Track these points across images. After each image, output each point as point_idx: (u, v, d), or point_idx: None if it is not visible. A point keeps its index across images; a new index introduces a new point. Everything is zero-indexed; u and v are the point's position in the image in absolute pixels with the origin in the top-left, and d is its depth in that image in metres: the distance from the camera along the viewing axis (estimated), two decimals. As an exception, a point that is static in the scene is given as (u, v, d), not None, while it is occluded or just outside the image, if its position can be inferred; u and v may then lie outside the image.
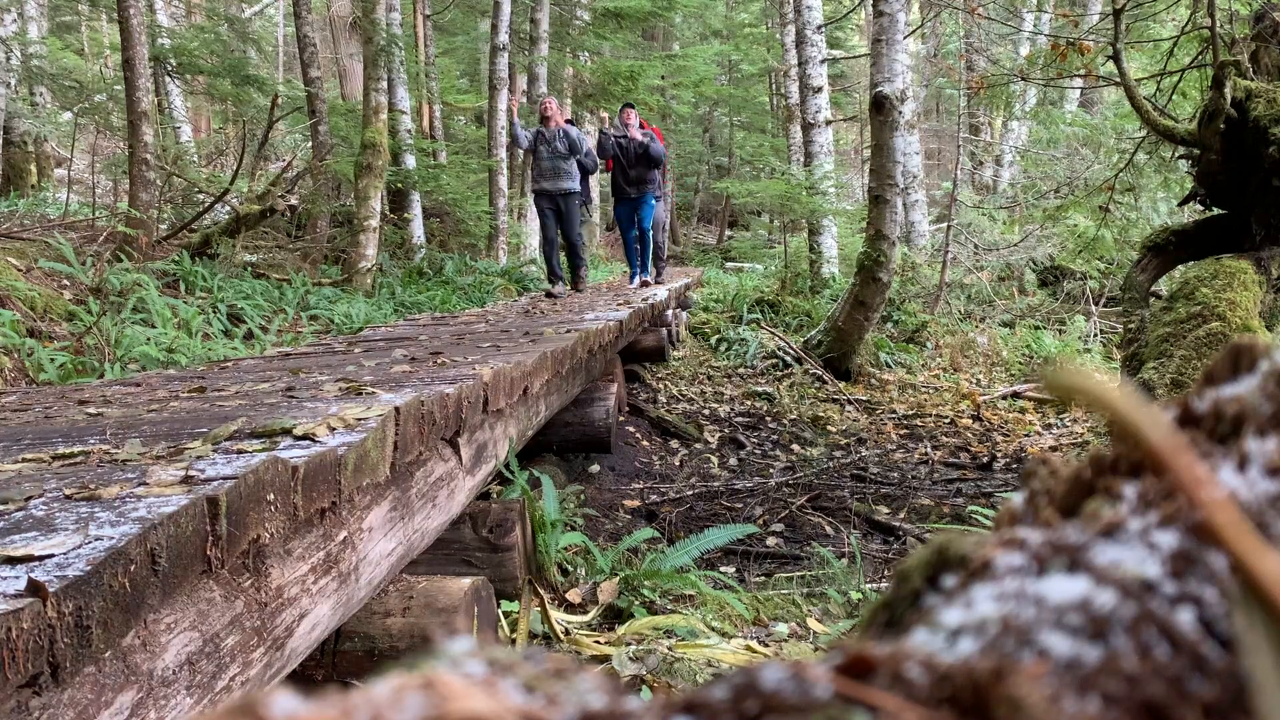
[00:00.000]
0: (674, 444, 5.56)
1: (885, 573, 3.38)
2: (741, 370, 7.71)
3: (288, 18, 19.50)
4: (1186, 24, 5.41)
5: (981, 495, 4.52)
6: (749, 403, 6.69)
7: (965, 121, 12.12)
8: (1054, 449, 5.62)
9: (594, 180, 9.52)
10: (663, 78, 15.15)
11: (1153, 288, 4.32)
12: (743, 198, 12.72)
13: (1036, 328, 9.35)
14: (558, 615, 2.61)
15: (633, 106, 8.69)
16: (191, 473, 1.34)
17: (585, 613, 2.71)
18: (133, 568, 1.03)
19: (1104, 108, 13.01)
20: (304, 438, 1.64)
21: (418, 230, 11.28)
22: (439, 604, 2.06)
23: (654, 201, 8.57)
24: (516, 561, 2.62)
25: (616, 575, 2.88)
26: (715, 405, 6.58)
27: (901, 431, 6.06)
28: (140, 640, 1.07)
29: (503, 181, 12.04)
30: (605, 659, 2.31)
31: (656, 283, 9.04)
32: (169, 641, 1.12)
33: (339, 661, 2.00)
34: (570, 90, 15.20)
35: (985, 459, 5.36)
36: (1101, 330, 9.33)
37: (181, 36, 11.67)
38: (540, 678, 0.21)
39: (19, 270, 5.17)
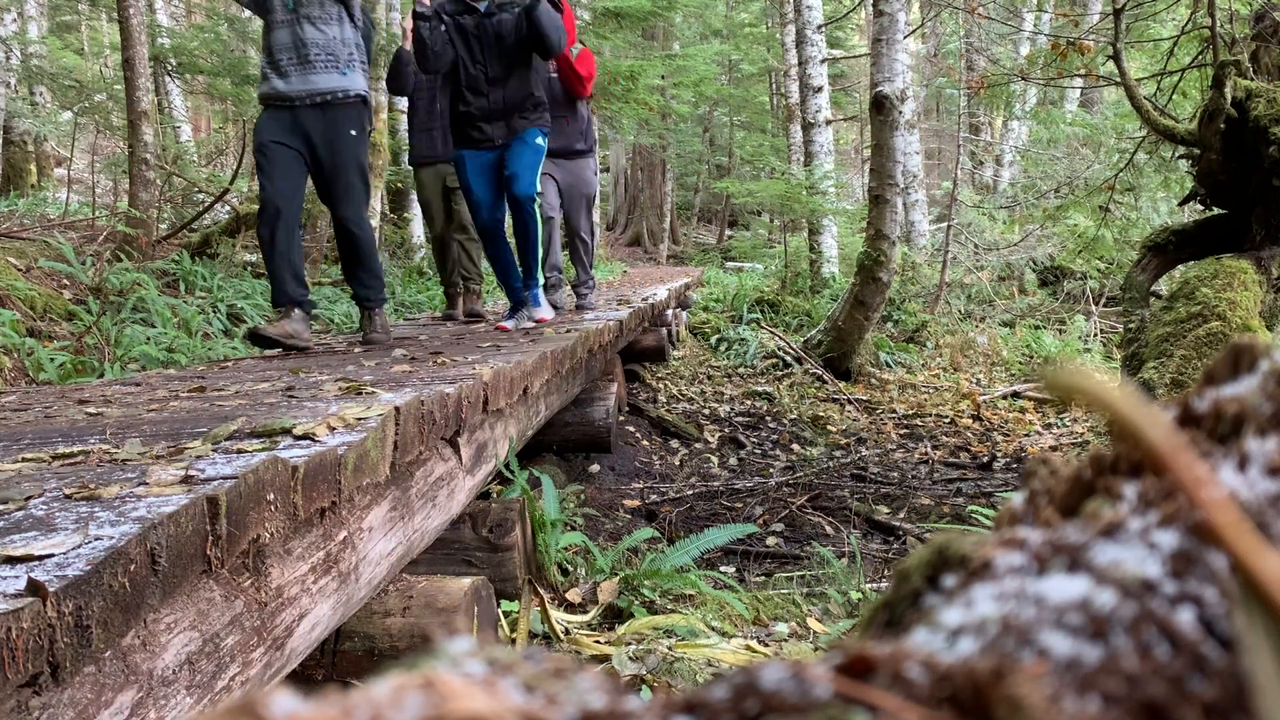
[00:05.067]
0: (674, 444, 5.55)
1: (885, 572, 3.38)
2: (741, 370, 7.71)
3: (288, 17, 19.47)
4: (1186, 24, 5.41)
5: (981, 495, 4.52)
6: (749, 402, 6.69)
7: (965, 121, 12.12)
8: (1054, 449, 5.62)
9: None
10: (663, 77, 15.13)
11: (1153, 287, 4.32)
12: (743, 197, 12.71)
13: (1036, 327, 9.35)
14: (558, 615, 2.61)
15: None
16: (191, 472, 1.34)
17: (585, 612, 2.71)
18: (133, 567, 1.03)
19: (1104, 107, 13.01)
20: (304, 437, 1.64)
21: (418, 230, 11.27)
22: (439, 604, 2.06)
23: (541, 141, 4.41)
24: (516, 561, 2.62)
25: (616, 575, 2.88)
26: (715, 405, 6.58)
27: (901, 431, 6.06)
28: (140, 640, 1.07)
29: (503, 181, 12.03)
30: (605, 659, 2.31)
31: (559, 313, 5.17)
32: (169, 641, 1.12)
33: (339, 661, 2.00)
34: (570, 90, 15.12)
35: (985, 459, 5.36)
36: (1101, 330, 9.33)
37: (181, 36, 11.67)
38: (540, 677, 0.21)
39: (19, 270, 5.17)
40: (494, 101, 4.32)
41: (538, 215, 4.45)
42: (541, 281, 4.65)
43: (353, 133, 3.78)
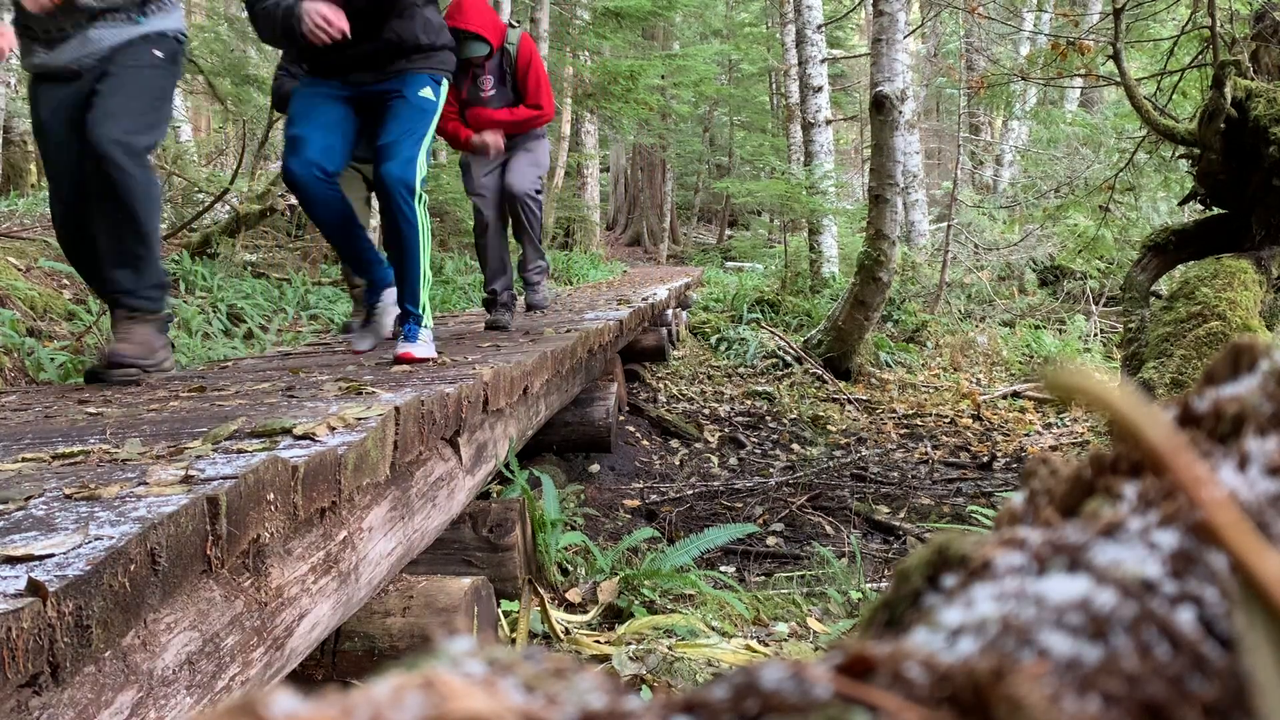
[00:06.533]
0: (674, 443, 5.55)
1: (885, 572, 3.38)
2: (741, 370, 7.71)
3: (288, 17, 19.43)
4: (1186, 24, 5.41)
5: (981, 495, 4.52)
6: (749, 402, 6.69)
7: (965, 121, 12.12)
8: (1054, 448, 5.62)
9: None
10: (663, 77, 15.13)
11: (1153, 287, 4.32)
12: (743, 197, 12.72)
13: (1036, 327, 9.35)
14: (558, 615, 2.61)
15: None
16: (191, 472, 1.34)
17: (585, 612, 2.71)
18: (133, 567, 1.03)
19: (1104, 107, 13.01)
20: (304, 437, 1.64)
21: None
22: (439, 604, 2.06)
23: (431, 94, 2.94)
24: (516, 561, 2.62)
25: (616, 575, 2.88)
26: (715, 405, 6.57)
27: (901, 431, 6.06)
28: (140, 640, 1.07)
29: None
30: (605, 658, 2.31)
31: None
32: (169, 641, 1.12)
33: (339, 661, 2.00)
34: (570, 90, 15.19)
35: (985, 458, 5.36)
36: (1101, 330, 9.33)
37: (181, 36, 11.64)
38: (540, 677, 0.21)
39: (19, 269, 5.17)
40: (356, 48, 2.83)
41: (419, 217, 2.89)
42: (423, 310, 3.01)
43: (156, 53, 2.69)
